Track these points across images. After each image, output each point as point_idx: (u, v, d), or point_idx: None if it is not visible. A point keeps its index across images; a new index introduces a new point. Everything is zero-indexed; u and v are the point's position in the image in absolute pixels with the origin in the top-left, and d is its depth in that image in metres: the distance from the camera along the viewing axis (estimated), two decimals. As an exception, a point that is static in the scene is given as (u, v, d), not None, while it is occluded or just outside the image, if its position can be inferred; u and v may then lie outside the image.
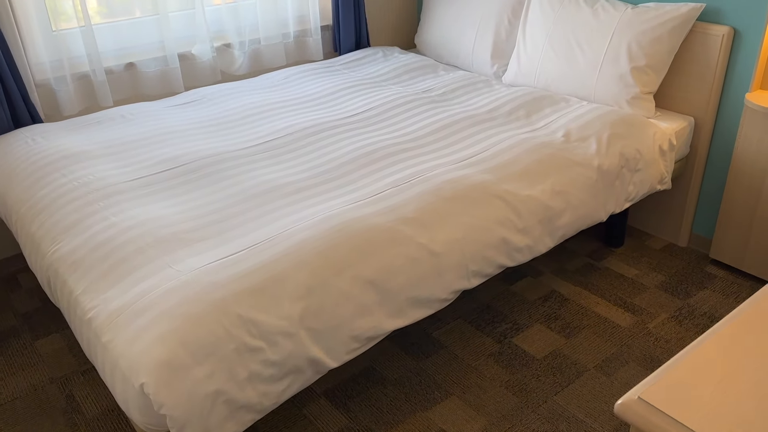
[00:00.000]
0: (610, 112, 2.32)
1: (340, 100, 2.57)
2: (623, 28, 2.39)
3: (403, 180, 1.93)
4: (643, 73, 2.37)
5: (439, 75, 2.85)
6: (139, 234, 1.68)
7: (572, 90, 2.54)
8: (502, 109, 2.42)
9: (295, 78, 2.81)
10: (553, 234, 2.02)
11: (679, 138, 2.40)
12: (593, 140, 2.18)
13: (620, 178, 2.19)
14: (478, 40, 2.90)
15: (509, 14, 2.81)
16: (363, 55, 3.10)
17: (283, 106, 2.50)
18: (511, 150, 2.10)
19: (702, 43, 2.36)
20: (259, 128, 2.31)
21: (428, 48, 3.17)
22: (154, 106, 2.51)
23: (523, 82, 2.71)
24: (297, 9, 3.07)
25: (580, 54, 2.50)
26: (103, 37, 2.59)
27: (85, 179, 1.96)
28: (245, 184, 1.92)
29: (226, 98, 2.58)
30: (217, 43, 2.84)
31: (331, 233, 1.65)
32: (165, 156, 2.09)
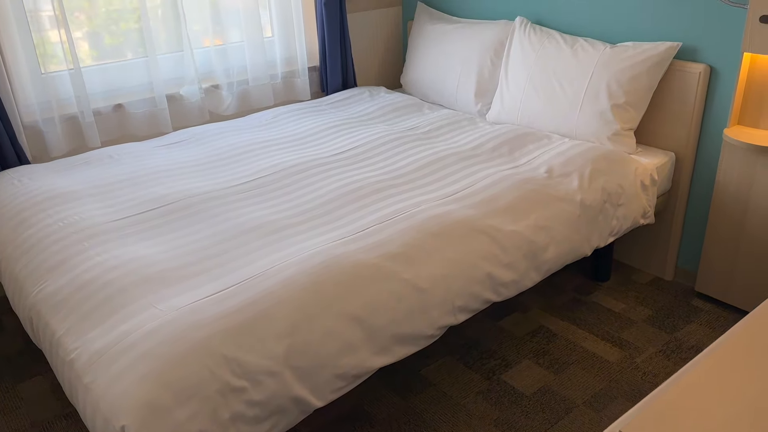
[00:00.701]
0: (591, 148, 2.37)
1: (326, 139, 2.60)
2: (602, 66, 2.45)
3: (388, 216, 1.94)
4: (623, 110, 2.42)
5: (425, 113, 2.90)
6: (123, 273, 1.67)
7: (554, 127, 2.59)
8: (486, 146, 2.46)
9: (282, 117, 2.84)
10: (538, 268, 2.03)
11: (661, 173, 2.44)
12: (575, 176, 2.21)
13: (603, 212, 2.22)
14: (462, 80, 2.95)
15: (491, 55, 2.87)
16: (350, 94, 3.15)
17: (270, 145, 2.52)
18: (495, 186, 2.12)
19: (680, 81, 2.42)
20: (246, 167, 2.33)
21: (414, 87, 3.23)
22: (141, 146, 2.53)
23: (506, 120, 2.76)
24: (285, 51, 3.13)
25: (561, 92, 2.55)
26: (92, 79, 2.63)
27: (71, 219, 1.96)
28: (231, 222, 1.93)
29: (213, 138, 2.60)
30: (206, 84, 2.88)
31: (316, 270, 1.65)
32: (151, 195, 2.10)
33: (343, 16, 3.12)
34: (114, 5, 2.62)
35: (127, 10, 2.65)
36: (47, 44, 2.50)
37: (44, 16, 2.47)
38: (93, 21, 2.60)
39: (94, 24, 2.60)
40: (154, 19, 2.73)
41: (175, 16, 2.76)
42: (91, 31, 2.61)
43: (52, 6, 2.39)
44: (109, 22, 2.63)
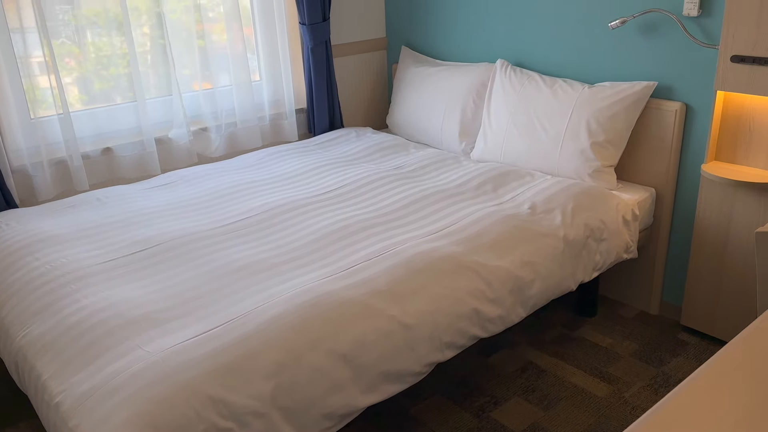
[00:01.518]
0: (573, 185, 2.41)
1: (313, 179, 2.63)
2: (581, 106, 2.52)
3: (375, 253, 1.96)
4: (603, 147, 2.48)
5: (410, 153, 2.95)
6: (109, 316, 1.67)
7: (537, 165, 2.64)
8: (471, 183, 2.50)
9: (270, 158, 2.88)
10: (524, 304, 2.05)
11: (642, 208, 2.49)
12: (558, 212, 2.25)
13: (586, 248, 2.25)
14: (446, 120, 3.02)
15: (474, 95, 2.94)
16: (337, 135, 3.20)
17: (258, 186, 2.55)
18: (480, 222, 2.15)
19: (657, 119, 2.49)
20: (233, 207, 2.35)
21: (399, 128, 3.29)
22: (129, 189, 2.55)
23: (490, 158, 2.81)
24: (272, 94, 3.19)
25: (542, 131, 2.61)
26: (81, 123, 2.66)
27: (58, 262, 1.96)
28: (218, 263, 1.94)
29: (201, 180, 2.63)
30: (194, 127, 2.92)
31: (303, 308, 1.66)
32: (138, 237, 2.11)
33: (330, 60, 3.19)
34: (104, 51, 2.68)
35: (117, 55, 2.70)
36: (37, 89, 2.54)
37: (34, 62, 2.52)
38: (83, 66, 2.64)
39: (83, 69, 2.65)
40: (143, 64, 2.78)
41: (164, 61, 2.82)
42: (80, 76, 2.66)
43: (42, 52, 2.43)
44: (99, 67, 2.69)
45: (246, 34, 3.06)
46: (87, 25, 2.61)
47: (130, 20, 2.67)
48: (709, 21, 2.30)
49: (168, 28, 2.74)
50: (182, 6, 2.80)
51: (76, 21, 2.58)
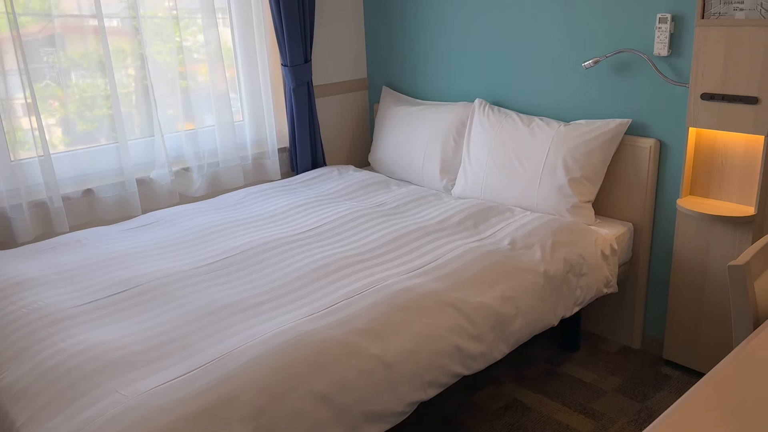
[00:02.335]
0: (552, 220, 2.44)
1: (295, 217, 2.64)
2: (558, 143, 2.57)
3: (356, 291, 1.96)
4: (580, 183, 2.53)
5: (392, 190, 2.98)
6: (87, 359, 1.65)
7: (516, 201, 2.67)
8: (452, 219, 2.52)
9: (252, 197, 2.89)
10: (506, 340, 2.05)
11: (620, 243, 2.52)
12: (538, 247, 2.28)
13: (567, 282, 2.27)
14: (427, 157, 3.06)
15: (454, 134, 2.99)
16: (319, 173, 3.22)
17: (239, 225, 2.55)
18: (461, 258, 2.17)
19: (632, 155, 2.55)
20: (214, 247, 2.35)
21: (381, 165, 3.32)
22: (109, 230, 2.54)
23: (471, 195, 2.84)
24: (255, 133, 3.22)
25: (520, 168, 2.65)
26: (62, 164, 2.66)
27: (35, 305, 1.94)
28: (198, 303, 1.92)
29: (182, 219, 2.62)
30: (176, 167, 2.93)
31: (283, 348, 1.65)
32: (117, 279, 2.10)
33: (312, 100, 3.24)
34: (87, 92, 2.69)
35: (100, 96, 2.72)
36: (18, 131, 2.55)
37: (16, 104, 2.53)
38: (65, 108, 2.66)
39: (66, 111, 2.66)
40: (126, 105, 2.80)
41: (147, 103, 2.84)
42: (63, 118, 2.67)
43: (24, 94, 2.45)
44: (82, 109, 2.70)
45: (229, 75, 3.10)
46: (71, 67, 2.64)
47: (114, 62, 2.70)
48: (679, 60, 2.38)
49: (151, 69, 2.77)
50: (166, 48, 2.84)
51: (59, 63, 2.60)
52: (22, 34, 2.46)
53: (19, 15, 2.47)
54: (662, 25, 2.37)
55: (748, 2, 2.09)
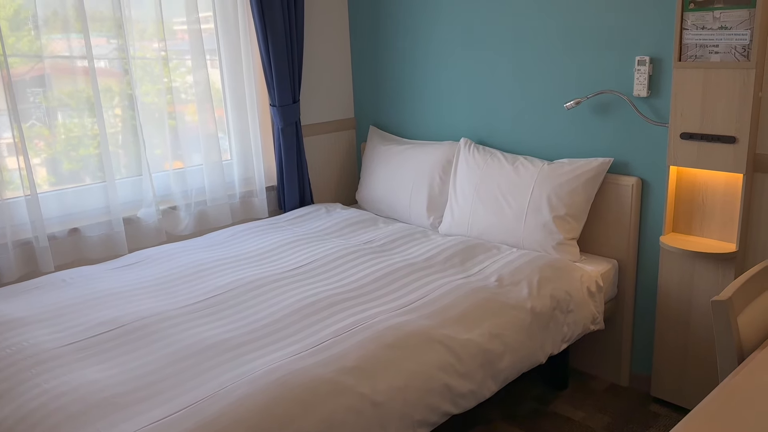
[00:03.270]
0: (538, 257, 2.47)
1: (283, 255, 2.64)
2: (542, 181, 2.62)
3: (344, 329, 1.96)
4: (564, 221, 2.56)
5: (379, 227, 2.99)
6: (71, 400, 1.62)
7: (502, 238, 2.70)
8: (439, 257, 2.54)
9: (239, 235, 2.89)
10: (495, 377, 2.04)
11: (606, 280, 2.55)
12: (524, 284, 2.29)
13: (554, 319, 2.28)
14: (414, 195, 3.09)
15: (440, 172, 3.03)
16: (307, 211, 3.23)
17: (226, 263, 2.55)
18: (449, 295, 2.17)
19: (615, 193, 2.59)
20: (201, 286, 2.34)
21: (368, 203, 3.35)
22: (95, 269, 2.53)
23: (457, 232, 2.87)
24: (243, 172, 3.24)
25: (506, 205, 2.69)
26: (48, 204, 2.65)
27: (19, 346, 1.91)
28: (184, 343, 1.91)
29: (169, 258, 2.62)
30: (163, 206, 2.93)
31: (271, 388, 1.64)
32: (102, 319, 2.08)
33: (300, 140, 3.27)
34: (74, 132, 2.71)
35: (87, 136, 2.74)
36: (4, 171, 2.54)
37: (2, 144, 2.53)
38: (52, 147, 2.67)
39: (53, 150, 2.67)
40: (114, 145, 2.82)
41: (135, 142, 2.86)
42: (49, 158, 2.67)
43: (12, 134, 2.45)
44: (69, 149, 2.71)
45: (217, 115, 3.13)
46: (58, 107, 2.66)
47: (102, 102, 2.73)
48: (658, 101, 2.45)
49: (140, 109, 2.80)
50: (155, 89, 2.87)
51: (47, 103, 2.62)
52: (11, 74, 2.48)
53: (9, 56, 2.50)
54: (641, 67, 2.45)
55: (722, 46, 2.17)
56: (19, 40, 2.53)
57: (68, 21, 2.59)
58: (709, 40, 2.20)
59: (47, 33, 2.57)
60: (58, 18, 2.57)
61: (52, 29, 2.58)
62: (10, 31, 2.50)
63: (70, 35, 2.61)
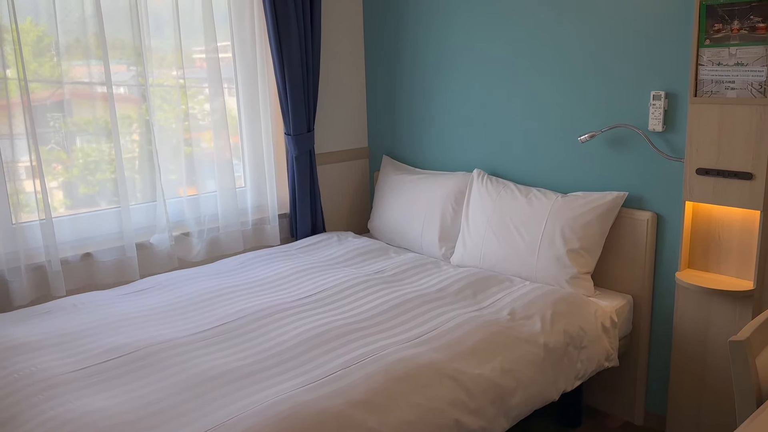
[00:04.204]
0: (551, 291, 2.44)
1: (293, 283, 2.63)
2: (555, 214, 2.60)
3: (353, 360, 1.93)
4: (578, 255, 2.53)
5: (391, 257, 2.98)
6: (77, 427, 1.61)
7: (515, 270, 2.67)
8: (451, 288, 2.52)
9: (251, 263, 2.89)
10: (507, 414, 2.00)
11: (620, 315, 2.51)
12: (537, 318, 2.26)
13: (567, 355, 2.24)
14: (426, 225, 3.08)
15: (452, 202, 3.02)
16: (318, 239, 3.23)
17: (237, 291, 2.54)
18: (460, 328, 2.15)
19: (630, 227, 2.57)
20: (211, 313, 2.33)
21: (380, 232, 3.34)
22: (105, 294, 2.53)
23: (469, 263, 2.85)
24: (256, 199, 3.25)
25: (519, 238, 2.67)
26: (63, 228, 2.67)
27: (27, 371, 1.91)
28: (192, 371, 1.89)
29: (180, 285, 2.61)
30: (176, 232, 2.94)
31: (278, 420, 1.61)
32: (112, 345, 2.07)
33: (313, 168, 3.29)
34: (92, 156, 2.74)
35: (105, 161, 2.77)
36: (21, 194, 2.57)
37: (21, 167, 2.56)
38: (69, 171, 2.69)
39: (70, 174, 2.70)
40: (129, 170, 2.84)
41: (150, 168, 2.88)
42: (66, 181, 2.70)
43: (29, 158, 2.48)
44: (86, 173, 2.74)
45: (233, 142, 3.16)
46: (76, 132, 2.69)
47: (120, 127, 2.76)
48: (674, 136, 2.44)
49: (156, 136, 2.83)
50: (172, 115, 2.91)
51: (66, 128, 2.66)
52: (32, 99, 2.52)
53: (30, 81, 2.54)
54: (656, 102, 2.44)
55: (738, 82, 2.16)
56: (42, 66, 2.58)
57: (89, 48, 2.63)
58: (725, 76, 2.19)
59: (68, 59, 2.62)
60: (79, 45, 2.62)
61: (73, 56, 2.63)
62: (33, 57, 2.55)
63: (90, 61, 2.66)
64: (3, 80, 2.42)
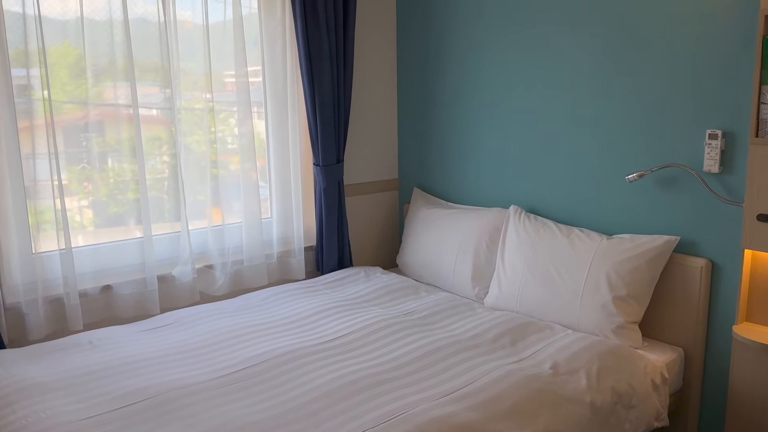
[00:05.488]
0: (597, 342, 2.26)
1: (319, 323, 2.50)
2: (600, 257, 2.43)
3: (382, 418, 1.78)
4: (626, 302, 2.36)
5: (421, 296, 2.83)
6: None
7: (555, 317, 2.50)
8: (486, 335, 2.35)
9: (274, 299, 2.76)
10: (548, 481, 1.83)
11: (671, 370, 2.32)
12: (583, 373, 2.09)
13: (615, 415, 2.06)
14: (459, 263, 2.92)
15: (487, 240, 2.87)
16: (345, 275, 3.09)
17: (260, 330, 2.41)
18: (499, 383, 1.98)
19: (682, 274, 2.38)
20: (233, 355, 2.20)
21: (410, 268, 3.19)
22: (123, 330, 2.41)
23: (504, 306, 2.68)
24: (282, 231, 3.13)
25: (560, 281, 2.50)
26: (83, 259, 2.58)
27: (36, 417, 1.79)
28: (210, 424, 1.75)
29: (201, 321, 2.49)
30: (199, 265, 2.83)
31: (301, 490, 1.47)
32: (127, 389, 1.94)
33: (342, 200, 3.17)
34: (122, 176, 2.65)
35: (133, 180, 2.66)
36: (41, 224, 2.48)
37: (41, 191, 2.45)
38: (99, 191, 2.61)
39: (99, 194, 2.61)
40: (158, 190, 2.75)
41: (176, 189, 2.76)
42: (96, 200, 2.61)
43: (51, 181, 2.39)
44: (116, 192, 2.65)
45: (260, 164, 3.06)
46: (108, 152, 2.61)
47: (148, 149, 2.68)
48: (732, 178, 2.26)
49: (182, 162, 2.72)
50: (201, 138, 2.81)
51: (99, 148, 2.57)
52: (63, 120, 2.46)
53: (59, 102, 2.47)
54: (712, 141, 2.28)
55: (807, 123, 1.99)
56: (78, 88, 2.51)
57: (118, 70, 2.56)
58: (791, 117, 2.02)
59: (99, 81, 2.55)
60: (113, 67, 2.55)
61: (103, 78, 2.56)
62: (70, 79, 2.49)
63: (117, 83, 2.58)
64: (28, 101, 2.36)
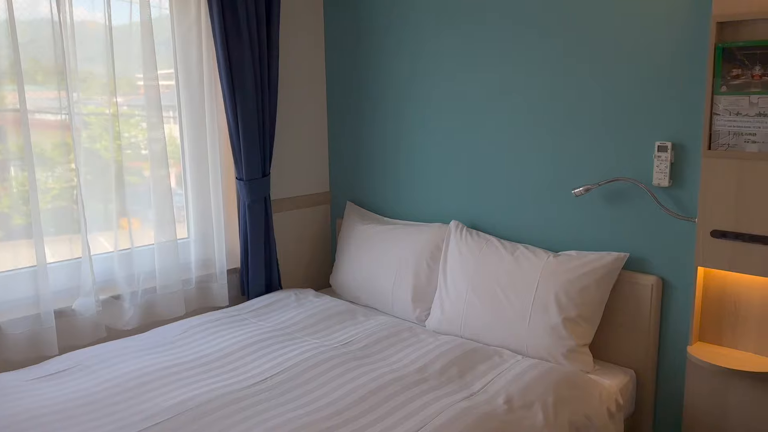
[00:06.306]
0: (550, 370, 2.10)
1: (246, 359, 2.22)
2: (548, 276, 2.28)
3: (323, 480, 1.54)
4: (576, 324, 2.22)
5: (359, 322, 2.60)
6: None
7: (502, 341, 2.34)
8: (433, 366, 2.15)
9: (193, 332, 2.45)
10: None
11: (624, 395, 2.20)
12: (538, 407, 1.92)
13: (573, 451, 1.90)
14: (398, 283, 2.72)
15: (428, 258, 2.68)
16: (274, 299, 2.82)
17: (176, 372, 2.11)
18: (452, 425, 1.78)
19: (631, 293, 2.27)
20: (143, 406, 1.89)
21: (344, 289, 2.96)
22: (13, 378, 2.05)
23: (448, 329, 2.50)
24: (201, 253, 2.82)
25: (506, 302, 2.34)
26: (-39, 295, 2.19)
27: None
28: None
29: (106, 364, 2.16)
30: (104, 296, 2.48)
31: None
32: (11, 460, 1.61)
33: (269, 217, 2.89)
34: (17, 188, 2.27)
35: (24, 192, 2.30)
36: None
37: None
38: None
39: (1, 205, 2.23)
40: (66, 199, 2.39)
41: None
42: None
43: None
44: (20, 203, 2.27)
45: (177, 172, 2.74)
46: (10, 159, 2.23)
47: (52, 157, 2.31)
48: (682, 192, 2.17)
49: (86, 166, 2.38)
50: (106, 144, 2.47)
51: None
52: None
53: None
54: (662, 154, 2.18)
55: (761, 134, 1.91)
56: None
57: (4, 73, 2.20)
58: (744, 128, 1.94)
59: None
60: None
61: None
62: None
63: (3, 88, 2.21)
64: None
